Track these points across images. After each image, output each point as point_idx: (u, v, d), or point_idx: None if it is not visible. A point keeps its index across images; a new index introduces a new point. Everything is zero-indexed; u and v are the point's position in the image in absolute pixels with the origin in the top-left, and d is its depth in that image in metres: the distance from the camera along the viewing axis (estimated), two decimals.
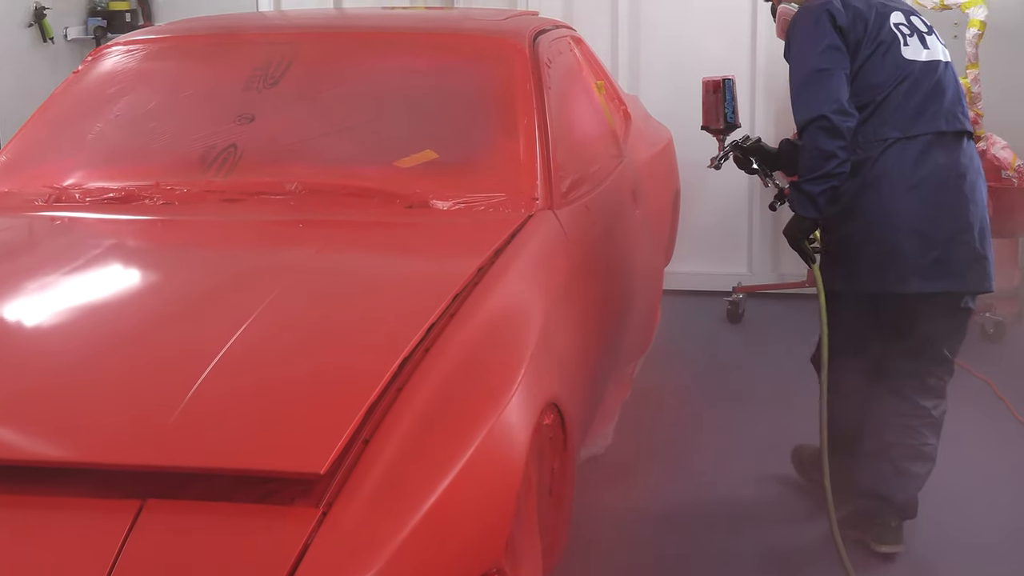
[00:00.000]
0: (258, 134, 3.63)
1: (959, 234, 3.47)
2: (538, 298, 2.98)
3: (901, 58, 3.49)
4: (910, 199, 3.43)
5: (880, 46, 3.48)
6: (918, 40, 3.54)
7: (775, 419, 4.63)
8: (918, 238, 3.44)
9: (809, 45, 3.47)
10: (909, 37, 3.53)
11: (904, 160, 3.45)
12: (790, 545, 3.67)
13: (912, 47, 3.51)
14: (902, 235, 3.44)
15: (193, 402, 2.23)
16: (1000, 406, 4.71)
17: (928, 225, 3.44)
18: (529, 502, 2.60)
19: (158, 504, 2.05)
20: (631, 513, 3.86)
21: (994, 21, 5.25)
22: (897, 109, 3.46)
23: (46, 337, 2.65)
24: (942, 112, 3.49)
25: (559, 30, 4.37)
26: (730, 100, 3.83)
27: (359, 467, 2.12)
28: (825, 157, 3.36)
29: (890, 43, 3.49)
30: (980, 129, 5.16)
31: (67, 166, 3.66)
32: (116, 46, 4.07)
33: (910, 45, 3.51)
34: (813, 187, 3.41)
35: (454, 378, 2.42)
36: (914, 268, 3.45)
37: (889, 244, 3.45)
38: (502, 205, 3.34)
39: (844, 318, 3.58)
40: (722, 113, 3.83)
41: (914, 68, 3.49)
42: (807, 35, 3.48)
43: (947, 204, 3.47)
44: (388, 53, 3.95)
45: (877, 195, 3.45)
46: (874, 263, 3.48)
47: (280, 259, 3.10)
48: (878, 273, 3.48)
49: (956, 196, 3.48)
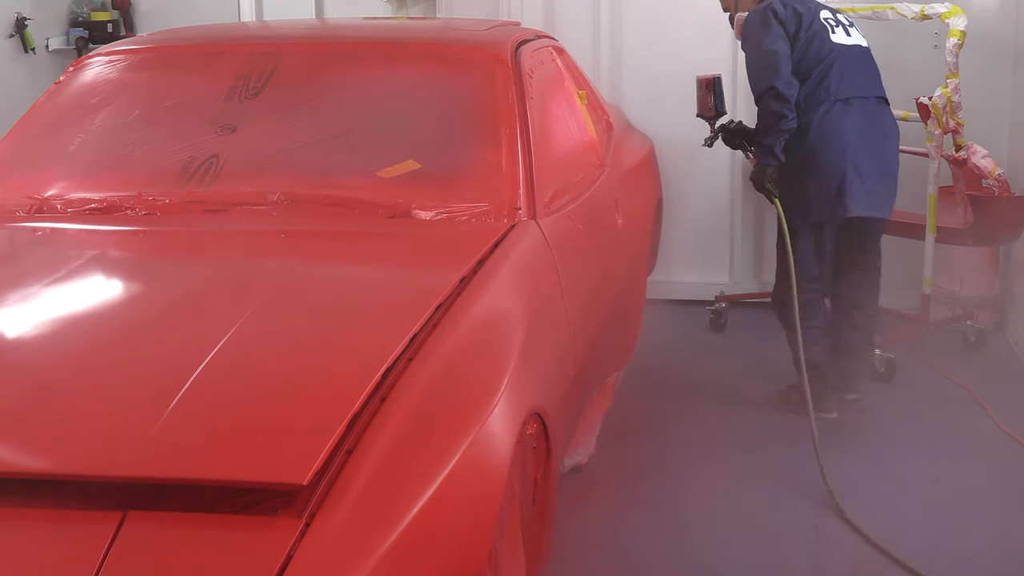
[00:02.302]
0: (240, 144, 3.63)
1: (881, 175, 4.49)
2: (521, 308, 2.99)
3: (830, 42, 4.49)
4: (849, 146, 4.41)
5: (814, 34, 4.47)
6: (843, 30, 4.55)
7: (758, 426, 4.64)
8: (856, 177, 4.41)
9: (759, 34, 4.44)
10: (835, 27, 4.53)
11: (842, 117, 4.43)
12: (776, 552, 3.67)
13: (839, 35, 4.52)
14: (845, 175, 4.40)
15: (175, 413, 2.22)
16: (981, 414, 4.72)
17: (862, 167, 4.42)
18: (512, 512, 2.60)
19: (140, 516, 2.04)
20: (614, 523, 3.86)
21: (974, 31, 5.27)
22: (832, 79, 4.43)
23: (27, 348, 2.64)
24: (867, 82, 4.53)
25: (541, 40, 4.38)
26: (720, 93, 4.81)
27: (342, 478, 2.11)
28: (777, 117, 4.34)
29: (820, 31, 4.49)
30: (961, 138, 5.18)
31: (49, 177, 3.65)
32: (98, 56, 4.07)
33: (836, 33, 4.52)
34: (770, 140, 4.38)
35: (437, 388, 2.42)
36: (855, 199, 4.42)
37: (835, 182, 4.41)
38: (484, 215, 3.34)
39: (800, 250, 4.51)
40: (713, 104, 4.81)
41: (842, 49, 4.49)
42: (757, 27, 4.47)
43: (873, 151, 4.47)
44: (370, 63, 3.95)
45: (823, 145, 4.41)
46: (825, 198, 4.43)
47: (262, 269, 3.10)
48: (829, 204, 4.44)
49: (880, 145, 4.51)
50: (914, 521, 3.81)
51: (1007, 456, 4.35)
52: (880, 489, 4.05)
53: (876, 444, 4.47)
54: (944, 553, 3.64)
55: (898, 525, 3.78)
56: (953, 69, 5.11)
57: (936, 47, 5.70)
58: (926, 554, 3.60)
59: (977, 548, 3.69)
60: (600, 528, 3.82)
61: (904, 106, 5.25)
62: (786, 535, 3.77)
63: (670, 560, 3.64)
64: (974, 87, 5.41)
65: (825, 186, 4.42)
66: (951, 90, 5.08)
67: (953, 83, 5.09)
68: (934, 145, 5.19)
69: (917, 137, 5.29)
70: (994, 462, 4.31)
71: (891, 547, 3.64)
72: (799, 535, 3.77)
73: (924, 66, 5.70)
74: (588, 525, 3.82)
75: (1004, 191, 5.22)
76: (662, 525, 3.85)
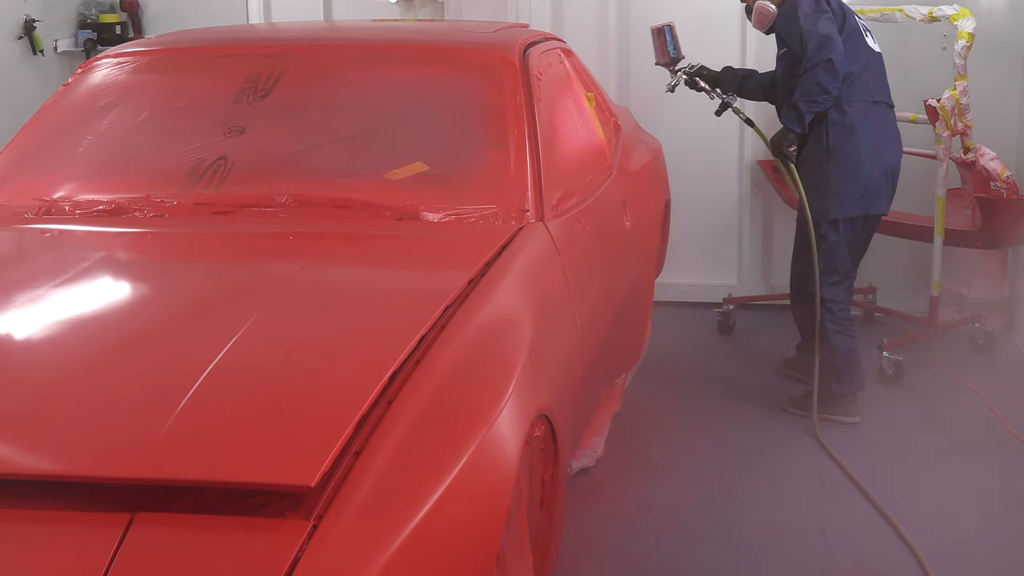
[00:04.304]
0: (248, 146, 3.63)
1: (894, 175, 4.68)
2: (528, 310, 2.98)
3: (865, 44, 4.63)
4: (878, 146, 4.59)
5: (852, 32, 4.57)
6: (870, 36, 4.70)
7: (766, 429, 4.64)
8: (881, 175, 4.59)
9: (814, 13, 4.45)
10: (865, 32, 4.67)
11: (873, 118, 4.59)
12: (784, 555, 3.66)
13: (868, 39, 4.66)
14: (875, 172, 4.57)
15: (183, 415, 2.22)
16: (989, 416, 4.71)
17: (887, 165, 4.61)
18: (520, 514, 2.60)
19: (148, 517, 2.04)
20: (622, 525, 3.86)
21: (982, 33, 5.26)
22: (866, 81, 4.58)
23: (34, 350, 2.64)
24: (886, 88, 4.71)
25: (549, 42, 4.37)
26: (671, 40, 5.02)
27: (350, 479, 2.11)
28: (822, 91, 4.40)
29: (856, 32, 4.61)
30: (969, 140, 5.17)
31: (57, 178, 3.65)
32: (106, 58, 4.07)
33: (867, 37, 4.66)
34: (805, 107, 4.44)
35: (445, 390, 2.42)
36: (884, 195, 4.63)
37: (868, 178, 4.56)
38: (492, 217, 3.34)
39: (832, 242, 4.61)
40: (666, 50, 5.03)
41: (872, 54, 4.65)
42: (811, 8, 4.47)
43: (892, 151, 4.68)
44: (378, 65, 3.95)
45: (855, 143, 4.54)
46: (860, 192, 4.57)
47: (270, 271, 3.10)
48: (863, 199, 4.58)
49: (896, 146, 4.72)
50: (920, 523, 3.80)
51: (1015, 459, 4.34)
52: (887, 491, 4.05)
53: (884, 446, 4.46)
54: (950, 555, 3.63)
55: (904, 526, 3.77)
56: (961, 71, 5.10)
57: (944, 49, 5.69)
58: (932, 555, 3.60)
59: (984, 550, 3.68)
60: (608, 530, 3.82)
61: (912, 108, 5.25)
62: (793, 538, 3.76)
63: (677, 562, 3.63)
64: (982, 89, 5.41)
65: (871, 180, 4.55)
66: (959, 92, 5.08)
67: (961, 85, 5.09)
68: (942, 147, 5.18)
69: (925, 139, 5.29)
70: (1002, 465, 4.30)
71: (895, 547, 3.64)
72: (806, 537, 3.76)
73: (932, 68, 5.70)
74: (596, 527, 3.82)
75: (1012, 193, 5.21)
76: (670, 527, 3.85)
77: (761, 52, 5.80)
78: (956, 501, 4.02)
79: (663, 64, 5.10)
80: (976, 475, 4.21)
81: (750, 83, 5.04)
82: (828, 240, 4.61)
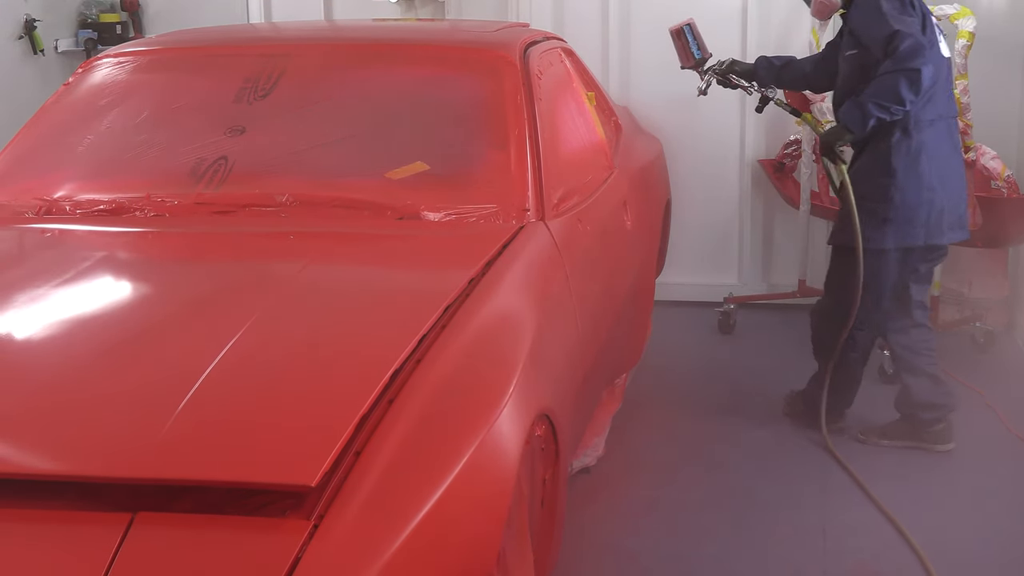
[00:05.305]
0: (249, 146, 3.63)
1: (961, 201, 4.23)
2: (529, 309, 2.98)
3: (939, 54, 4.09)
4: (947, 168, 4.16)
5: (932, 43, 4.03)
6: (943, 39, 4.16)
7: (767, 429, 4.63)
8: (948, 201, 4.14)
9: (900, 15, 3.97)
10: (939, 35, 4.14)
11: (943, 136, 4.15)
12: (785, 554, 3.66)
13: (940, 45, 4.12)
14: (942, 199, 4.12)
15: (184, 414, 2.22)
16: (990, 416, 4.71)
17: (954, 190, 4.18)
18: (520, 513, 2.60)
19: (149, 517, 2.04)
20: (623, 524, 3.86)
21: (983, 32, 5.26)
22: (938, 94, 4.09)
23: (35, 349, 2.64)
24: (951, 98, 4.26)
25: (550, 41, 4.38)
26: (693, 39, 4.65)
27: (350, 479, 2.11)
28: (897, 100, 3.91)
29: (934, 41, 4.07)
30: (970, 140, 5.17)
31: (57, 178, 3.65)
32: (107, 58, 4.07)
33: (939, 44, 4.12)
34: (872, 110, 3.95)
35: (445, 390, 2.42)
36: (948, 223, 4.16)
37: (933, 206, 4.11)
38: (493, 216, 3.34)
39: (882, 270, 4.17)
40: (690, 52, 4.66)
41: (944, 63, 4.14)
42: (897, 10, 3.98)
43: (958, 174, 4.24)
44: (379, 65, 3.95)
45: (927, 165, 4.09)
46: (923, 221, 4.12)
47: (271, 271, 3.10)
48: (925, 228, 4.13)
49: (960, 167, 4.29)
50: (921, 523, 3.80)
51: (1016, 458, 4.34)
52: (887, 491, 4.04)
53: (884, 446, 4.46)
54: (951, 554, 3.63)
55: (906, 526, 3.77)
56: (962, 71, 5.10)
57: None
58: (934, 555, 3.60)
59: (985, 551, 3.68)
60: (608, 529, 3.82)
61: None
62: (794, 537, 3.76)
63: (678, 562, 3.63)
64: (983, 89, 5.40)
65: (924, 211, 4.12)
66: (960, 92, 5.07)
67: (962, 84, 5.08)
68: None
69: None
70: (1003, 464, 4.30)
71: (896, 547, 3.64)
72: (807, 537, 3.76)
73: None
74: (596, 526, 3.82)
75: (1013, 193, 5.21)
76: (670, 527, 3.85)
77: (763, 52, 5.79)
78: (957, 500, 4.02)
79: (689, 67, 4.73)
80: (977, 474, 4.21)
81: (789, 72, 4.61)
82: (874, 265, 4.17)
